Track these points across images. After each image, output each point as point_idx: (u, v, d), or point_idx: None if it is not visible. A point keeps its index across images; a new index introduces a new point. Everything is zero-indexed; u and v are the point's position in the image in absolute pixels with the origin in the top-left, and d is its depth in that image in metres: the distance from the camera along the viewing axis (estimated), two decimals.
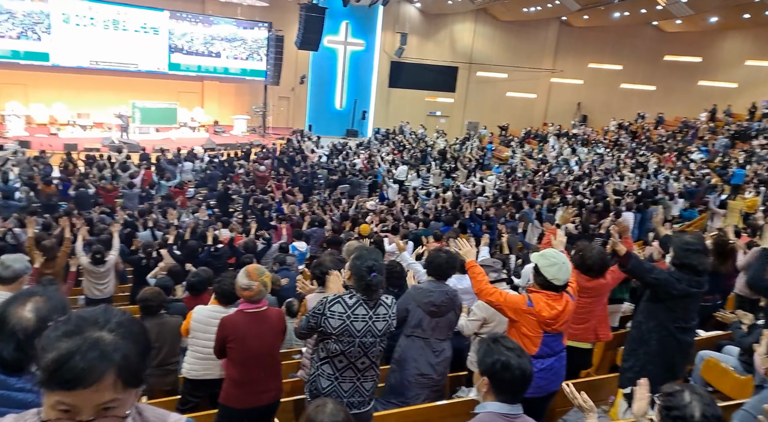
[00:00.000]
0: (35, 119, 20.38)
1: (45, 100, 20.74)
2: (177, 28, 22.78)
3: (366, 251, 2.99)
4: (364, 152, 21.09)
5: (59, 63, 20.57)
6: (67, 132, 19.77)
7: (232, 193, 14.24)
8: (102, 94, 21.44)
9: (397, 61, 27.82)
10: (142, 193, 13.15)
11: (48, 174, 13.55)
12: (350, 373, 2.97)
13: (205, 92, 24.53)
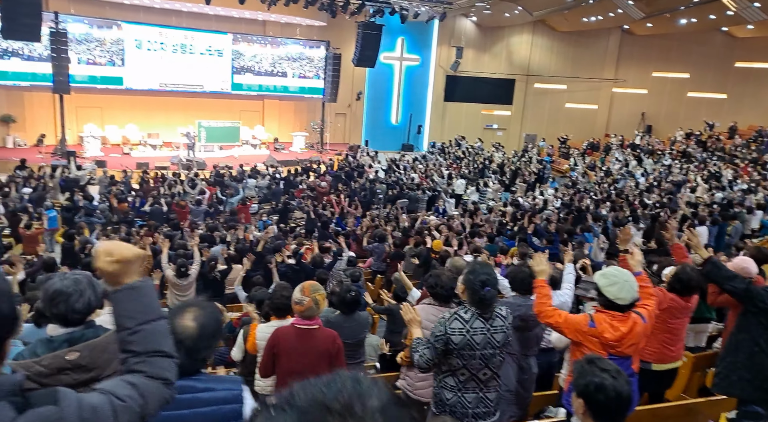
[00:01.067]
0: (110, 139, 21.55)
1: (118, 122, 21.92)
2: (240, 49, 23.68)
3: (479, 266, 3.03)
4: (421, 166, 21.10)
5: (132, 86, 21.73)
6: (138, 151, 20.80)
7: (294, 208, 14.53)
8: (170, 114, 22.46)
9: (453, 75, 27.81)
10: (209, 209, 13.62)
11: (126, 192, 14.23)
12: (473, 384, 3.01)
13: (265, 110, 25.29)
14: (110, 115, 21.80)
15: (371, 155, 22.85)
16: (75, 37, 19.72)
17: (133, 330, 1.34)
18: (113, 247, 1.37)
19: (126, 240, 8.41)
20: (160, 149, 21.45)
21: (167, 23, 21.90)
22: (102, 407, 1.19)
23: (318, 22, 23.94)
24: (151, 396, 1.29)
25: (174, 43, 22.24)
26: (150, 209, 12.37)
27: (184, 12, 21.73)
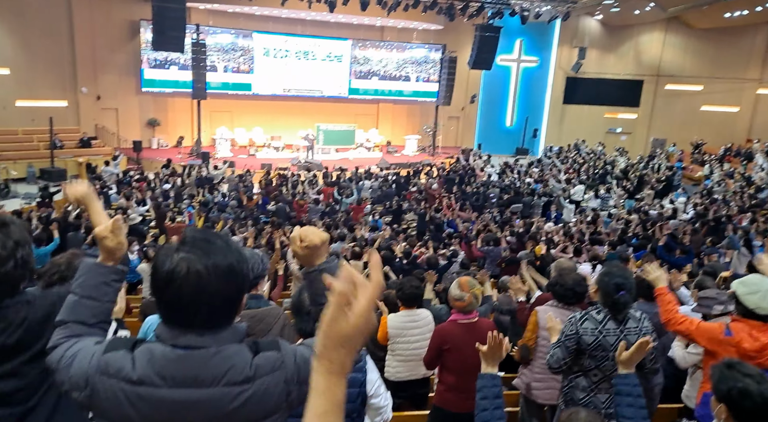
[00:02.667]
0: (238, 141, 23.19)
1: (246, 125, 23.52)
2: (359, 54, 24.46)
3: (615, 269, 2.99)
4: (536, 170, 20.41)
5: (259, 92, 23.24)
6: (263, 153, 22.18)
7: (405, 210, 14.70)
8: (291, 118, 23.69)
9: (574, 76, 26.62)
10: (325, 208, 14.17)
11: (251, 190, 15.25)
12: (606, 386, 2.97)
13: (380, 114, 25.85)
14: (239, 119, 23.44)
15: (483, 158, 22.51)
16: (212, 47, 21.48)
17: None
18: (304, 233, 1.54)
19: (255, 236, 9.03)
20: (281, 150, 22.69)
21: (292, 32, 23.16)
22: (308, 359, 1.37)
23: (434, 26, 24.05)
24: None
25: (297, 51, 23.47)
26: (275, 207, 13.12)
27: (308, 20, 22.84)
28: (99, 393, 1.30)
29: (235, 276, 1.32)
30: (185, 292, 1.27)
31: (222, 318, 1.35)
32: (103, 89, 20.20)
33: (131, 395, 1.28)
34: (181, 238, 1.35)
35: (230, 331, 1.36)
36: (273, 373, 1.35)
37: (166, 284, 1.29)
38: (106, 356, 1.32)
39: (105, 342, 1.38)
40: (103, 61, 19.99)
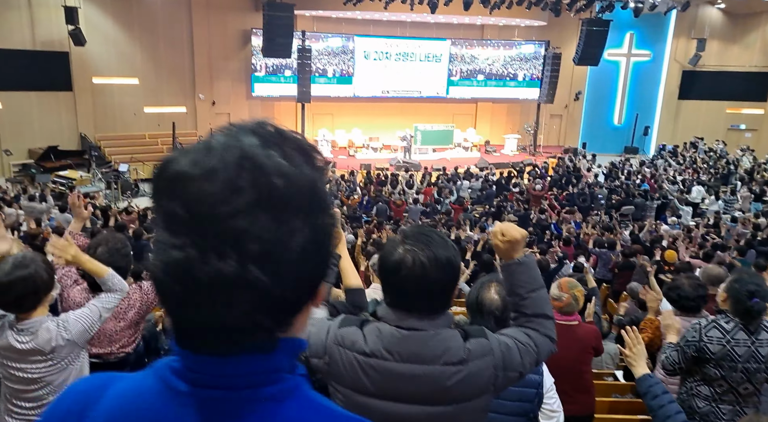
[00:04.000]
0: (338, 142, 23.85)
1: (346, 127, 24.11)
2: (462, 53, 24.32)
3: (747, 275, 2.79)
4: (648, 170, 19.17)
5: (359, 94, 23.79)
6: (362, 154, 22.66)
7: (507, 211, 14.37)
8: (390, 119, 23.98)
9: (691, 70, 24.68)
10: (425, 208, 14.22)
11: (353, 190, 15.63)
12: (731, 397, 2.81)
13: (478, 113, 25.50)
14: (339, 120, 24.10)
15: (589, 158, 21.50)
16: (317, 52, 22.29)
17: (524, 297, 1.65)
18: (505, 228, 1.65)
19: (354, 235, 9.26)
20: (380, 151, 23.05)
21: (393, 34, 23.47)
22: (512, 346, 1.56)
23: (537, 22, 23.34)
24: (542, 348, 1.61)
25: (397, 53, 23.75)
26: (376, 207, 13.36)
27: (408, 22, 23.04)
28: (336, 361, 1.53)
29: (452, 268, 1.47)
30: (410, 281, 1.45)
31: (439, 304, 1.52)
32: (218, 95, 21.62)
33: (365, 365, 1.50)
34: (403, 233, 1.53)
35: (444, 317, 1.52)
36: (483, 358, 1.50)
37: (393, 272, 1.47)
38: (341, 330, 1.56)
39: (339, 319, 1.62)
40: (218, 69, 21.39)
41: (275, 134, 0.64)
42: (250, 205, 0.58)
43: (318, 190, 0.64)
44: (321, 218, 0.64)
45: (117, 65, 19.17)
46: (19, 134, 17.33)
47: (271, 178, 0.59)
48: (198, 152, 0.61)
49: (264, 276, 0.58)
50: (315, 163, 0.65)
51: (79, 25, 16.78)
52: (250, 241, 0.58)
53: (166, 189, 0.61)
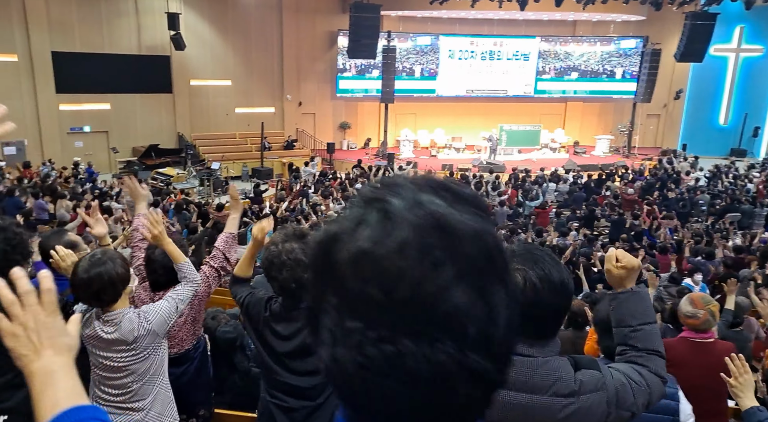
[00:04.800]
0: (420, 143, 23.77)
1: (428, 127, 23.98)
2: (550, 51, 23.48)
3: None
4: (758, 175, 17.52)
5: (443, 94, 23.57)
6: (444, 154, 22.43)
7: (598, 216, 13.64)
8: (473, 119, 23.56)
9: None
10: (509, 211, 13.77)
11: None
12: None
13: (567, 113, 24.49)
14: (422, 120, 24.00)
15: (690, 160, 19.99)
16: (401, 52, 22.33)
17: (635, 328, 1.54)
18: (621, 254, 1.58)
19: None
20: (462, 152, 22.70)
21: (479, 32, 23.05)
22: (624, 384, 1.43)
23: (635, 17, 22.01)
24: (655, 388, 1.47)
25: (483, 51, 23.29)
26: None
27: (495, 20, 22.53)
28: None
29: (566, 290, 1.39)
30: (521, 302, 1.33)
31: (549, 329, 1.43)
32: (304, 96, 22.21)
33: None
34: (510, 251, 1.41)
35: (554, 343, 1.43)
36: (597, 392, 1.40)
37: None
38: None
39: None
40: (305, 71, 21.97)
41: (443, 189, 0.55)
42: (455, 278, 0.49)
43: (498, 242, 0.54)
44: (508, 275, 0.54)
45: (212, 68, 20.18)
46: (125, 133, 18.68)
47: (466, 243, 0.50)
48: (374, 225, 0.52)
49: (483, 360, 0.50)
50: (486, 211, 0.56)
51: (180, 30, 17.82)
52: (464, 322, 0.49)
53: (352, 271, 0.52)
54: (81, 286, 2.21)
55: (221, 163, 17.73)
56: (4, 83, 16.00)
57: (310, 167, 17.97)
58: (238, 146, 20.31)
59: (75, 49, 17.21)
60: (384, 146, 21.35)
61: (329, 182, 15.80)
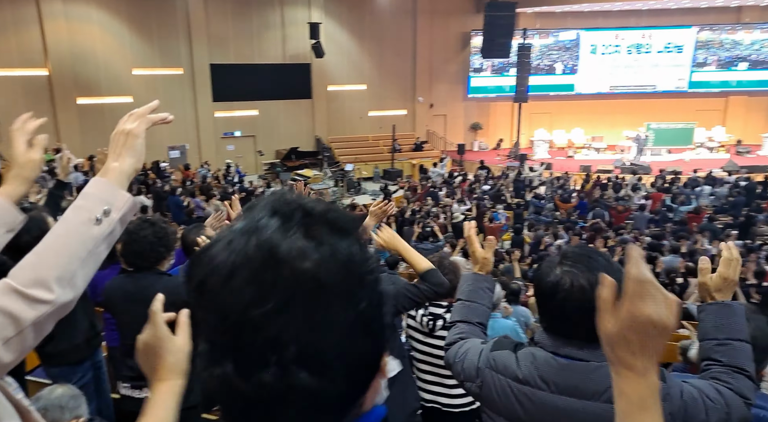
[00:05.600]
0: (556, 143, 22.69)
1: (565, 126, 22.81)
2: (715, 40, 21.16)
3: None
4: None
5: (582, 91, 22.27)
6: (582, 155, 21.19)
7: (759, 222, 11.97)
8: (616, 117, 21.98)
9: None
10: (653, 216, 12.62)
11: (569, 193, 14.68)
12: None
13: (728, 109, 21.85)
14: (558, 120, 22.89)
15: None
16: (538, 50, 21.51)
17: (721, 342, 1.44)
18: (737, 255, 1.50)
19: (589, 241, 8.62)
20: (603, 152, 21.27)
21: (625, 25, 21.45)
22: (696, 399, 1.32)
23: None
24: (735, 409, 1.35)
25: (629, 44, 21.62)
26: (593, 212, 12.33)
27: (643, 11, 20.83)
28: (489, 385, 1.47)
29: None
30: (569, 305, 1.33)
31: None
32: (436, 98, 22.30)
33: (518, 392, 1.42)
34: (562, 252, 1.42)
35: None
36: None
37: (550, 295, 1.36)
38: (493, 353, 1.50)
39: (492, 342, 1.56)
40: (437, 72, 22.05)
41: (297, 209, 0.56)
42: (282, 303, 0.51)
43: (355, 264, 0.55)
44: (364, 294, 0.55)
45: (348, 73, 21.06)
46: (270, 137, 20.17)
47: (297, 266, 0.52)
48: (221, 247, 0.54)
49: (312, 379, 0.51)
50: (349, 232, 0.56)
51: (320, 38, 18.83)
52: (288, 343, 0.51)
53: (196, 296, 0.55)
54: None
55: (354, 164, 18.41)
56: (171, 94, 18.09)
57: (439, 168, 17.98)
58: (370, 148, 20.96)
59: (229, 60, 18.96)
60: (516, 146, 20.73)
61: (460, 184, 15.69)
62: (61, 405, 1.83)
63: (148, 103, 1.17)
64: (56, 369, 2.79)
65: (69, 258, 0.95)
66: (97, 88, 16.99)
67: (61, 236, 0.97)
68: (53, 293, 0.93)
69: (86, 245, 0.97)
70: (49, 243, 0.96)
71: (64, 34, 16.04)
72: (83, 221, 0.98)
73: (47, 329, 0.96)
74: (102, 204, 0.99)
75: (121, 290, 2.61)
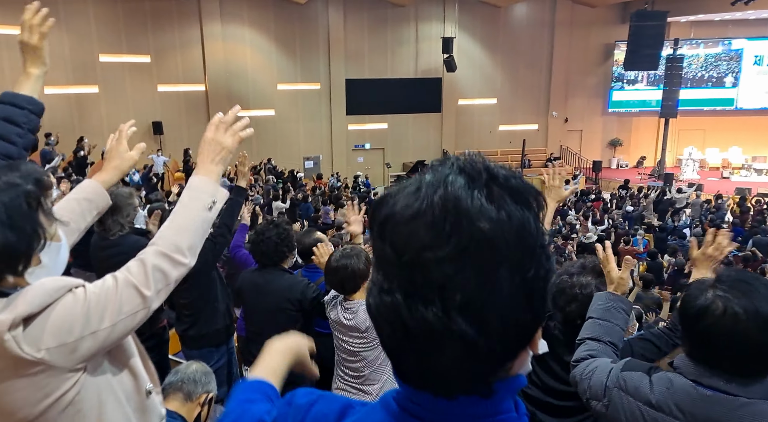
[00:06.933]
0: (708, 162, 20.59)
1: (720, 145, 20.69)
2: None
3: None
4: None
5: (743, 106, 20.02)
6: (739, 176, 19.01)
7: None
8: None
9: None
10: None
11: (721, 218, 13.20)
12: None
13: None
14: (712, 137, 20.81)
15: None
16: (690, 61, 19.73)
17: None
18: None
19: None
20: (765, 174, 18.88)
21: None
22: None
23: None
24: None
25: None
26: (753, 239, 10.92)
27: None
28: (616, 406, 1.41)
29: None
30: (717, 332, 1.24)
31: (755, 367, 1.27)
32: (571, 112, 21.32)
33: (648, 417, 1.34)
34: (716, 275, 1.33)
35: (762, 385, 1.26)
36: None
37: (696, 320, 1.28)
38: (624, 374, 1.43)
39: (623, 362, 1.50)
40: (574, 86, 21.09)
41: (483, 171, 0.59)
42: (454, 253, 0.55)
43: (528, 234, 0.57)
44: (532, 265, 0.57)
45: (480, 87, 20.87)
46: (398, 150, 20.58)
47: (474, 223, 0.55)
48: (408, 193, 0.60)
49: (469, 328, 0.55)
50: (528, 203, 0.58)
51: (452, 53, 18.90)
52: (454, 291, 0.55)
53: (379, 230, 0.61)
54: (329, 273, 2.60)
55: None
56: (309, 107, 19.20)
57: (571, 185, 17.06)
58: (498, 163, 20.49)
59: (364, 75, 19.70)
60: (661, 165, 19.13)
61: (591, 203, 14.78)
62: (195, 379, 2.00)
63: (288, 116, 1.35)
64: (196, 352, 3.02)
65: (194, 232, 1.25)
66: (246, 101, 18.52)
67: (188, 216, 1.26)
68: (187, 258, 1.22)
69: (204, 226, 1.28)
70: (179, 220, 1.25)
71: (220, 53, 17.74)
72: (200, 207, 1.27)
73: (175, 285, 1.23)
74: (210, 196, 1.29)
75: (251, 283, 2.91)
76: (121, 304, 1.10)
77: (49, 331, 1.03)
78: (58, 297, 1.06)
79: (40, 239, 1.11)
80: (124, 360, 1.23)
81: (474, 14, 19.95)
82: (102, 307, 1.09)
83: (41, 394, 1.05)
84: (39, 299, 1.04)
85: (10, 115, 1.54)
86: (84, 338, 1.06)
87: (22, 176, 1.14)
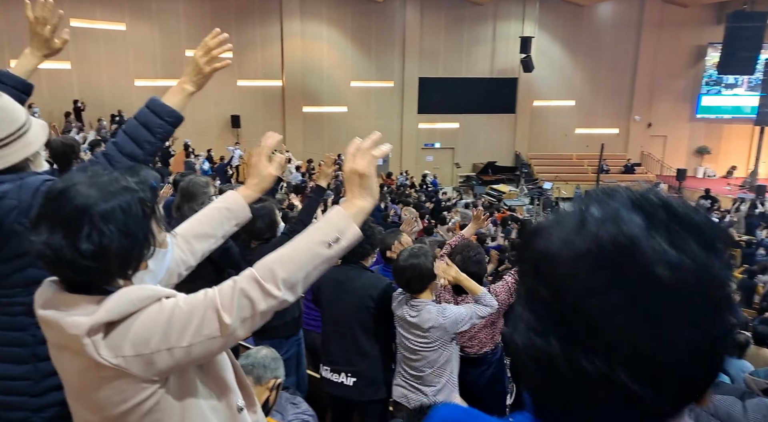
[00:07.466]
0: None
1: None
2: None
3: None
4: None
5: None
6: None
7: None
8: None
9: None
10: None
11: None
12: None
13: None
14: None
15: None
16: None
17: None
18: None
19: None
20: None
21: None
22: None
23: None
24: None
25: None
26: None
27: None
28: None
29: None
30: None
31: None
32: (655, 117, 20.24)
33: None
34: None
35: None
36: None
37: None
38: (713, 397, 1.38)
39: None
40: (660, 89, 20.00)
41: (662, 208, 0.52)
42: (626, 301, 0.49)
43: (712, 282, 0.50)
44: (715, 318, 0.51)
45: (557, 89, 20.20)
46: (468, 150, 20.27)
47: (652, 270, 0.49)
48: (570, 228, 0.53)
49: (635, 384, 0.50)
50: (713, 245, 0.51)
51: (530, 53, 18.39)
52: (622, 342, 0.49)
53: (531, 264, 0.55)
54: (397, 271, 2.64)
55: (553, 183, 17.55)
56: (381, 105, 19.27)
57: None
58: (573, 167, 19.80)
59: (437, 74, 19.54)
60: (753, 176, 17.78)
61: None
62: (264, 364, 2.06)
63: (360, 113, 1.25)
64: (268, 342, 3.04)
65: (299, 267, 1.12)
66: (320, 98, 18.86)
67: (299, 249, 1.14)
68: (281, 290, 1.10)
69: (314, 261, 1.14)
70: (288, 250, 1.14)
71: (298, 50, 18.14)
72: (318, 242, 1.14)
73: (267, 319, 1.12)
74: (336, 232, 1.15)
75: (331, 280, 2.91)
76: (202, 325, 1.06)
77: (129, 339, 1.04)
78: (143, 306, 1.06)
79: (150, 246, 1.13)
80: (214, 374, 1.22)
81: (556, 13, 19.32)
82: (183, 324, 1.05)
83: (119, 398, 1.07)
84: (119, 307, 1.05)
85: (148, 122, 1.60)
86: (160, 352, 1.04)
87: (141, 181, 1.17)
